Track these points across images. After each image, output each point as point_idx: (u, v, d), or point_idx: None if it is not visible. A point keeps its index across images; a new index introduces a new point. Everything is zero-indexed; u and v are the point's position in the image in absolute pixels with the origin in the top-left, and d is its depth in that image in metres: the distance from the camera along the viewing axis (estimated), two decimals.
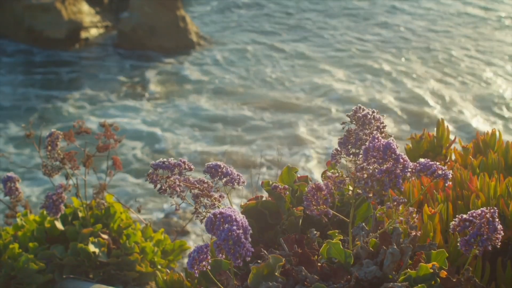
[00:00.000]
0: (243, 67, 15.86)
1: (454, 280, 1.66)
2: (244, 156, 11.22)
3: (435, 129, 2.88)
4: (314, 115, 13.00)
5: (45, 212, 2.95)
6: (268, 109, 13.44)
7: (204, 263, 1.60)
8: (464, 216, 1.63)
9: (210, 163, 1.90)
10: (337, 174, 1.72)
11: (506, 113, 13.31)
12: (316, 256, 1.82)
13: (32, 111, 13.14)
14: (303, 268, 1.72)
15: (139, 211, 3.51)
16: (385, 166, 1.61)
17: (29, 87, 14.40)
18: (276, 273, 1.71)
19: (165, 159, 1.87)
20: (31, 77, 14.97)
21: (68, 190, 2.77)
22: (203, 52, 16.77)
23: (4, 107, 13.39)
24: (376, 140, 1.62)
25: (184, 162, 1.87)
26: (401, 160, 1.61)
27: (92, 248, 2.81)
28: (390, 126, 12.20)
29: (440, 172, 1.63)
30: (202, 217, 1.86)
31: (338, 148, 1.73)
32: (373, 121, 1.70)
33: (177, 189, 1.86)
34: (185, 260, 3.99)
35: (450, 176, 1.63)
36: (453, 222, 1.64)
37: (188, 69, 15.77)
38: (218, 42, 17.52)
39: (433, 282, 1.62)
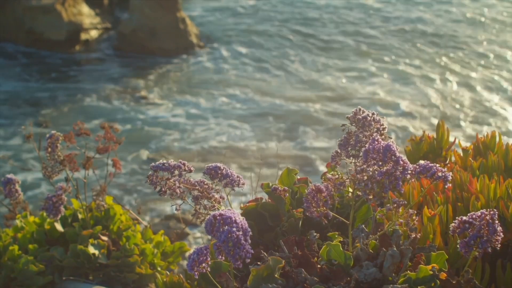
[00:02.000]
0: (244, 67, 15.86)
1: (453, 282, 1.65)
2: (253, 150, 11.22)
3: (435, 130, 2.89)
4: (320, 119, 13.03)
5: (44, 214, 2.95)
6: (275, 106, 13.47)
7: (204, 264, 1.60)
8: (464, 218, 1.62)
9: (210, 164, 1.90)
10: (337, 176, 1.72)
11: (507, 114, 13.32)
12: (316, 258, 1.82)
13: (45, 112, 13.15)
14: (303, 270, 1.72)
15: (138, 212, 3.51)
16: (385, 168, 1.61)
17: (35, 87, 14.41)
18: (275, 275, 1.70)
19: (165, 161, 1.87)
20: (38, 78, 14.97)
21: (68, 192, 2.77)
22: (204, 53, 16.78)
23: (17, 106, 13.41)
24: (376, 142, 1.62)
25: (184, 164, 1.87)
26: (401, 162, 1.61)
27: (92, 249, 2.80)
28: (391, 127, 12.23)
29: (440, 174, 1.63)
30: (202, 219, 1.85)
31: (338, 150, 1.73)
32: (373, 123, 1.70)
33: (177, 190, 1.85)
34: (185, 262, 3.99)
35: (450, 178, 1.63)
36: (452, 224, 1.64)
37: (189, 70, 15.78)
38: (218, 43, 17.53)
39: (433, 284, 1.61)
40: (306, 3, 21.03)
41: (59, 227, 2.98)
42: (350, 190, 1.75)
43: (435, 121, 12.38)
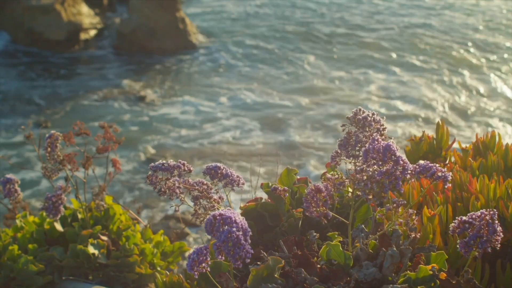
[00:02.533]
0: (244, 66, 15.86)
1: (453, 282, 1.65)
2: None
3: (435, 131, 2.88)
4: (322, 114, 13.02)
5: (44, 214, 2.95)
6: (275, 105, 13.47)
7: (203, 264, 1.59)
8: (464, 218, 1.62)
9: (209, 164, 1.90)
10: (336, 176, 1.72)
11: (508, 115, 13.32)
12: (315, 258, 1.82)
13: (45, 111, 13.14)
14: (303, 270, 1.72)
15: (138, 212, 3.51)
16: (384, 168, 1.61)
17: (35, 87, 14.40)
18: (275, 275, 1.70)
19: (164, 161, 1.87)
20: (38, 77, 14.97)
21: (68, 192, 2.76)
22: (203, 52, 16.78)
23: (17, 105, 13.42)
24: (376, 142, 1.62)
25: (183, 164, 1.87)
26: (401, 162, 1.61)
27: (91, 249, 2.80)
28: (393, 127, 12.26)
29: (439, 174, 1.63)
30: (201, 219, 1.85)
31: (338, 150, 1.73)
32: (373, 123, 1.70)
33: (177, 191, 1.85)
34: (185, 262, 4.00)
35: (450, 178, 1.63)
36: (452, 224, 1.64)
37: (189, 69, 15.78)
38: (218, 42, 17.52)
39: (432, 284, 1.61)
40: (307, 3, 21.03)
41: (58, 227, 2.98)
42: (350, 190, 1.75)
43: (434, 121, 12.39)
